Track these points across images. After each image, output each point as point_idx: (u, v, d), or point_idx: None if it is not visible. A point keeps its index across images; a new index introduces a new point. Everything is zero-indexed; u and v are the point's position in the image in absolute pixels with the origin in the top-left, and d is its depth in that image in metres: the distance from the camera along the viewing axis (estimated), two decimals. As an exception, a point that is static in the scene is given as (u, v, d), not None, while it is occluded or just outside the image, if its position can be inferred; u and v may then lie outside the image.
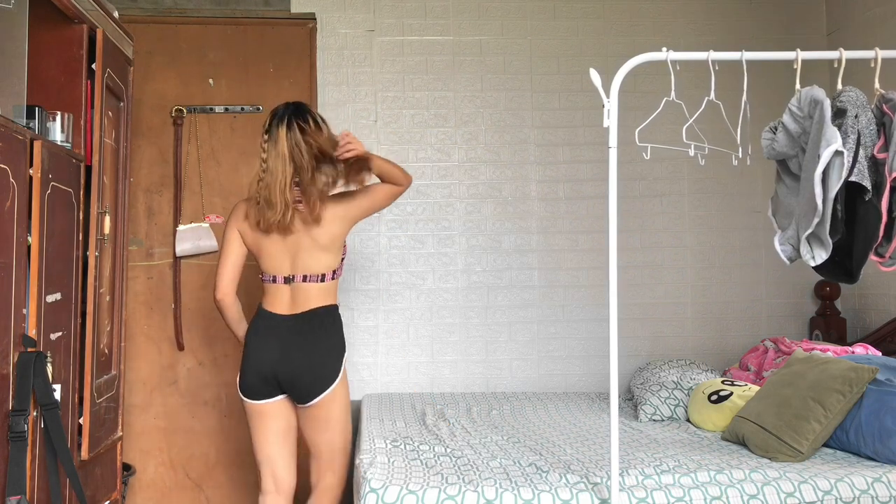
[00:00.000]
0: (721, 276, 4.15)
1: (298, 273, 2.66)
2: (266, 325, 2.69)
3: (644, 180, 4.11)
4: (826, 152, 1.99)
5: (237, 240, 2.73)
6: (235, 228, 2.73)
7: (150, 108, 3.88)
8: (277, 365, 2.62)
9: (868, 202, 2.07)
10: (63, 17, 2.56)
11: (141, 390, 3.85)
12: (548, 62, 4.13)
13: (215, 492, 3.87)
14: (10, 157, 2.04)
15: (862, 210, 2.09)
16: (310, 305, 2.67)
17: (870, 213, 2.07)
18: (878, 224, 2.06)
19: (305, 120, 2.64)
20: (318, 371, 2.62)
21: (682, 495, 2.27)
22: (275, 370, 2.63)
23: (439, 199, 4.06)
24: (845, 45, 2.49)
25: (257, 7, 3.99)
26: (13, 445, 2.04)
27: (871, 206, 2.06)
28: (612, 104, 2.13)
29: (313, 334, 2.65)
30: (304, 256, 2.66)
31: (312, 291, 2.67)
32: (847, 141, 2.03)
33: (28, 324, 2.16)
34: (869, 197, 2.06)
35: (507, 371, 4.05)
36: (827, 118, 2.03)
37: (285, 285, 2.68)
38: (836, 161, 2.01)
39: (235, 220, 2.74)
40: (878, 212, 2.05)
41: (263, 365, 2.64)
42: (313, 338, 2.64)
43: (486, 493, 2.24)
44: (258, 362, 2.65)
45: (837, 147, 1.99)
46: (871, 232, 2.08)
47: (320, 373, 2.63)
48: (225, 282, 2.74)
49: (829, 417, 2.60)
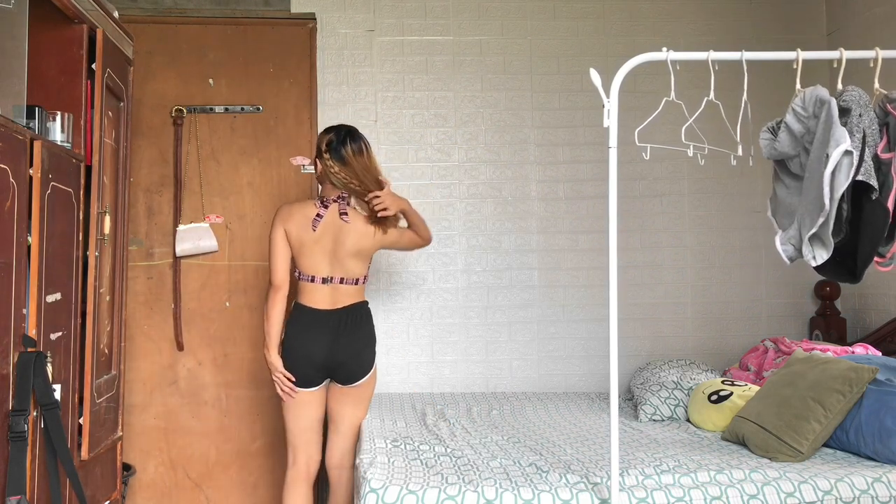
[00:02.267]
0: (721, 276, 4.15)
1: (336, 275, 2.99)
2: (310, 319, 2.97)
3: (644, 180, 4.11)
4: (836, 152, 1.99)
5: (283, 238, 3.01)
6: (281, 228, 3.00)
7: (150, 108, 3.88)
8: (329, 352, 2.95)
9: (875, 201, 2.06)
10: (63, 17, 2.56)
11: (141, 390, 3.85)
12: (548, 62, 4.13)
13: (215, 492, 3.87)
14: (10, 157, 2.04)
15: (868, 209, 2.08)
16: (348, 302, 3.01)
17: (876, 212, 2.06)
18: (886, 222, 2.06)
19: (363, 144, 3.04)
20: (363, 355, 3.01)
21: (682, 495, 2.27)
22: (326, 357, 2.95)
23: (439, 199, 4.06)
24: (845, 45, 2.49)
25: (257, 7, 3.99)
26: (13, 445, 2.04)
27: (877, 205, 2.06)
28: (612, 104, 2.13)
29: (354, 324, 3.00)
30: (341, 260, 2.98)
31: (349, 291, 3.01)
32: (853, 140, 2.03)
33: (28, 324, 2.16)
34: (876, 196, 2.06)
35: (507, 371, 4.05)
36: (835, 118, 2.03)
37: (324, 285, 2.98)
38: (844, 161, 2.01)
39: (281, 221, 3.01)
40: (884, 210, 2.05)
41: (315, 354, 2.94)
42: (355, 327, 2.99)
43: (486, 493, 2.24)
44: (310, 353, 2.95)
45: (847, 147, 1.99)
46: (877, 230, 2.08)
47: (365, 357, 3.02)
48: (283, 270, 3.00)
49: (829, 417, 2.60)
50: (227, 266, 3.86)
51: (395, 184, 4.01)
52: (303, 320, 2.98)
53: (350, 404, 3.07)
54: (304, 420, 3.03)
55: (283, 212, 3.02)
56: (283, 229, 2.98)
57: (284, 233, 2.98)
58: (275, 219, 3.03)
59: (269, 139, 3.93)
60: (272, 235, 3.01)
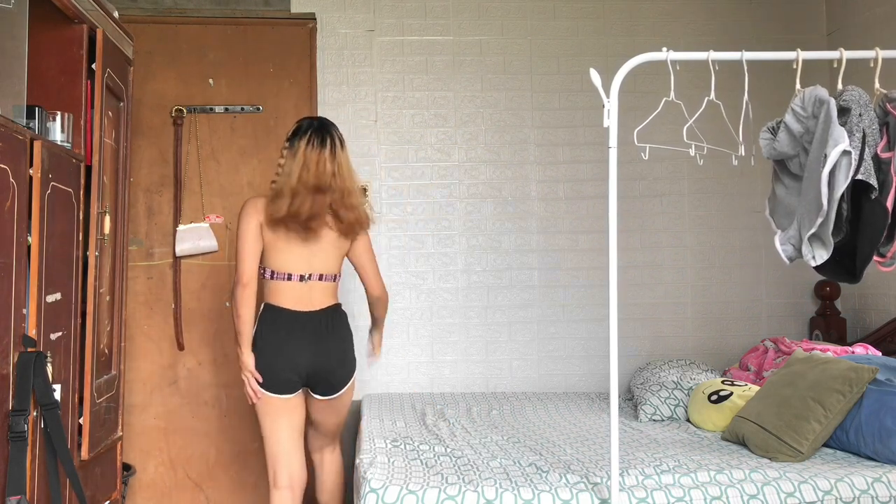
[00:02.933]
0: (721, 276, 4.15)
1: (315, 272, 2.81)
2: (288, 322, 2.78)
3: (644, 180, 4.11)
4: (834, 152, 1.99)
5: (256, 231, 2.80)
6: (255, 220, 2.79)
7: (150, 108, 3.88)
8: (313, 358, 2.77)
9: (875, 200, 2.06)
10: (63, 17, 2.56)
11: (141, 390, 3.85)
12: (548, 62, 4.13)
13: (215, 492, 3.86)
14: (10, 157, 2.04)
15: (868, 208, 2.08)
16: (326, 303, 2.84)
17: (876, 212, 2.06)
18: (885, 222, 2.06)
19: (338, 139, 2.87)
20: (347, 363, 2.86)
21: (682, 495, 2.27)
22: (310, 363, 2.77)
23: (439, 199, 4.06)
24: (845, 45, 2.49)
25: (257, 7, 3.99)
26: (13, 445, 2.04)
27: (877, 205, 2.06)
28: (612, 104, 2.13)
29: (336, 328, 2.84)
30: (320, 253, 2.81)
31: (327, 290, 2.85)
32: (853, 139, 2.03)
33: (28, 324, 2.16)
34: (875, 195, 2.06)
35: (507, 371, 4.05)
36: (833, 118, 2.03)
37: (301, 283, 2.80)
38: (843, 161, 2.01)
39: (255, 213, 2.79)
40: (884, 209, 2.05)
41: (298, 360, 2.76)
42: (336, 331, 2.84)
43: (486, 493, 2.24)
44: (291, 357, 2.75)
45: (846, 147, 1.99)
46: (877, 230, 2.08)
47: (349, 364, 2.87)
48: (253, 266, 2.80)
49: (829, 417, 2.60)
50: (227, 266, 3.86)
51: (395, 184, 4.03)
52: (280, 323, 2.78)
53: (330, 414, 2.93)
54: (284, 428, 2.81)
55: (257, 203, 2.79)
56: (258, 221, 2.76)
57: (259, 225, 2.77)
58: (246, 210, 2.79)
59: (269, 139, 3.93)
60: (243, 228, 2.77)
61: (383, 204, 4.02)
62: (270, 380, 2.77)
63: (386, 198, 4.03)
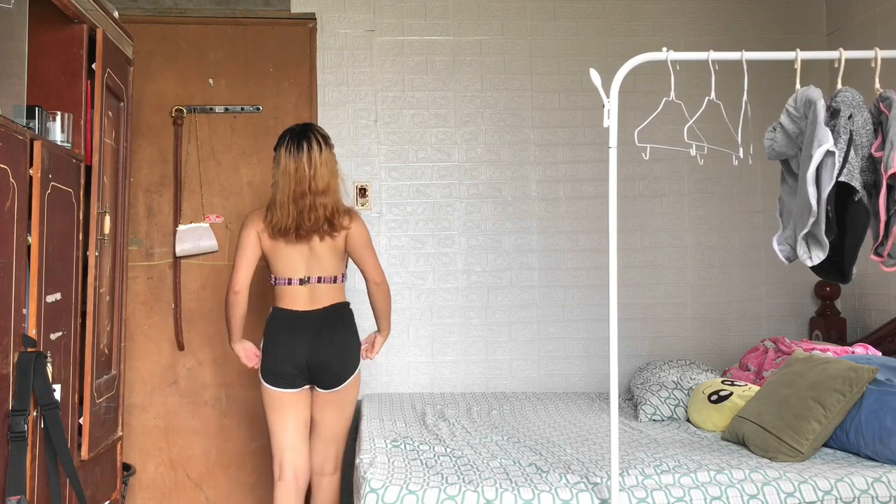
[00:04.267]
0: (721, 276, 4.15)
1: (314, 274, 2.91)
2: (290, 320, 2.90)
3: (644, 180, 4.11)
4: (818, 152, 2.00)
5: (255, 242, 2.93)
6: (254, 231, 2.92)
7: (150, 108, 3.88)
8: (310, 354, 2.86)
9: (858, 202, 2.07)
10: (63, 17, 2.56)
11: (141, 390, 3.85)
12: (548, 62, 4.13)
13: (215, 492, 3.87)
14: (10, 157, 2.04)
15: (852, 210, 2.10)
16: (328, 301, 2.92)
17: (860, 213, 2.08)
18: (868, 224, 2.07)
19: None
20: (346, 358, 2.90)
21: (682, 495, 2.27)
22: (307, 359, 2.86)
23: (439, 199, 4.06)
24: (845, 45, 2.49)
25: (257, 7, 3.99)
26: (13, 445, 2.04)
27: (860, 206, 2.07)
28: (612, 104, 2.13)
29: (336, 324, 2.91)
30: (318, 257, 2.89)
31: (328, 290, 2.93)
32: (839, 141, 2.04)
33: (28, 324, 2.16)
34: (858, 197, 2.06)
35: (507, 371, 4.05)
36: (820, 118, 2.04)
37: (301, 286, 2.90)
38: (828, 161, 2.02)
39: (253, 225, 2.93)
40: (867, 211, 2.06)
41: (296, 354, 2.86)
42: (336, 327, 2.90)
43: (486, 493, 2.24)
44: (290, 352, 2.86)
45: (829, 147, 2.00)
46: (860, 231, 2.09)
47: (348, 360, 2.91)
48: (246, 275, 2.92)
49: (829, 417, 2.60)
50: (227, 266, 3.85)
51: (395, 184, 4.03)
52: (282, 322, 2.91)
53: (332, 411, 2.96)
54: (289, 421, 2.92)
55: (257, 215, 2.93)
56: (256, 233, 2.90)
57: (257, 236, 2.90)
58: (246, 222, 2.94)
59: (269, 139, 3.92)
60: (241, 238, 2.92)
61: (383, 204, 4.02)
62: (272, 373, 2.89)
63: (386, 198, 4.03)
